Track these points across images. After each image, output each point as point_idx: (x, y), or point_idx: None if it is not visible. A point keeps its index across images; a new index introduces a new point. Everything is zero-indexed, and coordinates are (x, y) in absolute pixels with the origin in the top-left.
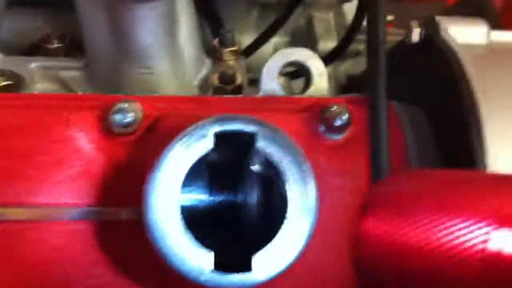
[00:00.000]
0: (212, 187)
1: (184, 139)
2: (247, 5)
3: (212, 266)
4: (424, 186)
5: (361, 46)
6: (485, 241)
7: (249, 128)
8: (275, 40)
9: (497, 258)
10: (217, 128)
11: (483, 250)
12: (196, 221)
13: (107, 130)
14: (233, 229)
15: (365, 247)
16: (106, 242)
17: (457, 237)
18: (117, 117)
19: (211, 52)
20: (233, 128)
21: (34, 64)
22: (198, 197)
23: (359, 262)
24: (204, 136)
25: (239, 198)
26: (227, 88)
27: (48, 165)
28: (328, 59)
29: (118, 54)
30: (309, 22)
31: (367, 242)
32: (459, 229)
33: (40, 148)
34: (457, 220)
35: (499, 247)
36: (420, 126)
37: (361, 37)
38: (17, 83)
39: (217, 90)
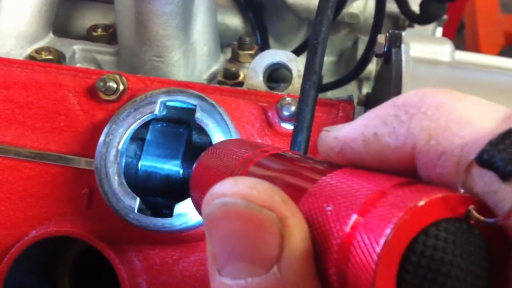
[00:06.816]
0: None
1: (135, 102)
2: (296, 23)
3: (137, 208)
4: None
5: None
6: None
7: (191, 100)
8: None
9: None
10: (164, 98)
11: None
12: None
13: (94, 96)
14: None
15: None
16: (72, 186)
17: None
18: (100, 84)
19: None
20: (178, 99)
21: (76, 46)
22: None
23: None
24: (152, 103)
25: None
26: (228, 83)
27: (40, 117)
28: (343, 80)
29: (137, 41)
30: (355, 44)
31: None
32: None
33: (36, 102)
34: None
35: None
36: None
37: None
38: (57, 59)
39: (220, 84)
